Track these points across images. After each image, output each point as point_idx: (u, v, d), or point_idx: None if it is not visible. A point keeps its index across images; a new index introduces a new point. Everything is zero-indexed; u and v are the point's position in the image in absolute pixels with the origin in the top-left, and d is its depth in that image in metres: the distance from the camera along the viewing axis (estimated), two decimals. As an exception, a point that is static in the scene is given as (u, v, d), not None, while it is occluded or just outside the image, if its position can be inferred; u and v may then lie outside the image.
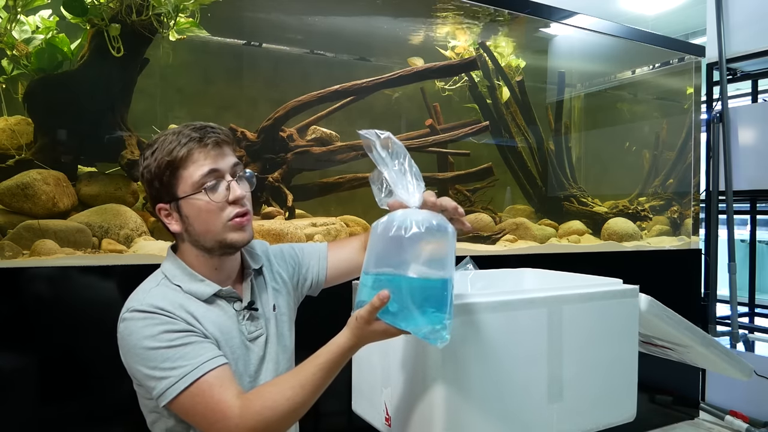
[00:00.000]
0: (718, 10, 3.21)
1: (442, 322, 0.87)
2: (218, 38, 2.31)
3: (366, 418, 1.20)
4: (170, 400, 0.92)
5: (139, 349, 0.94)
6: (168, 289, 1.01)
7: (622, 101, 3.80)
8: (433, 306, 0.87)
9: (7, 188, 1.70)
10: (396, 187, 0.93)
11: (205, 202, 0.98)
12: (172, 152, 0.97)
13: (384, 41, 2.76)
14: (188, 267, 1.04)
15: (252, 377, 1.05)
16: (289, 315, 1.16)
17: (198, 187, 0.97)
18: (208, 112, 2.38)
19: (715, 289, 3.27)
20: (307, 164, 2.40)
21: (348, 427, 1.90)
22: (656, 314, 1.31)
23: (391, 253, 0.89)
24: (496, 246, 2.66)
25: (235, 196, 0.99)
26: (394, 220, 0.89)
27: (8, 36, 1.81)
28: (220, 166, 0.99)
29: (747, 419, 2.91)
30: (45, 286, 1.59)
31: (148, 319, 0.94)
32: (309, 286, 1.22)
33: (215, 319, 1.01)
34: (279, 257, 1.20)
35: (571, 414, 1.10)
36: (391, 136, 0.94)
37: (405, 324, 0.88)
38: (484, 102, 2.97)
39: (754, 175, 3.15)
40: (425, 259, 0.88)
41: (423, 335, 0.88)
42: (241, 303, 1.06)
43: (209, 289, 1.02)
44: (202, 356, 0.93)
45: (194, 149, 0.97)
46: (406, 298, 0.87)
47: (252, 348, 1.06)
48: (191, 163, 0.97)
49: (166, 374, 0.92)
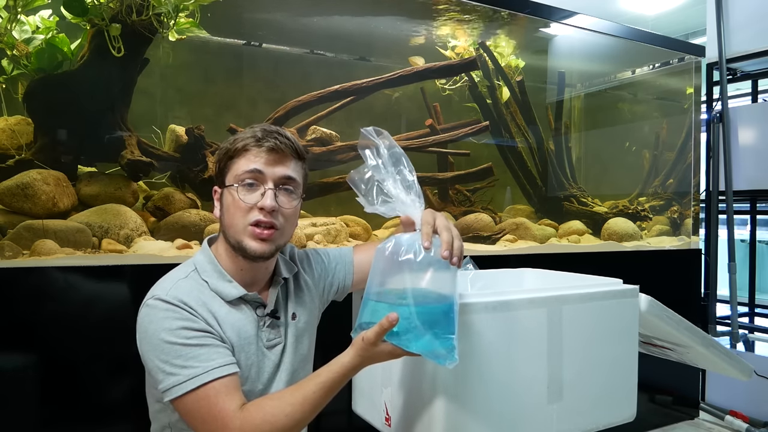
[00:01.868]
0: (718, 10, 3.21)
1: (450, 343, 0.87)
2: (218, 38, 2.31)
3: (366, 418, 1.20)
4: (175, 397, 0.92)
5: (155, 339, 0.94)
6: (195, 283, 1.02)
7: (622, 101, 3.80)
8: (441, 328, 0.88)
9: (7, 188, 1.70)
10: (403, 204, 0.94)
11: (236, 198, 0.99)
12: (234, 142, 1.01)
13: (384, 41, 2.76)
14: (219, 263, 1.04)
15: (265, 384, 1.05)
16: (310, 322, 1.15)
17: (237, 181, 0.99)
18: (208, 112, 2.38)
19: (715, 289, 3.26)
20: (307, 164, 2.39)
21: (348, 427, 1.90)
22: (656, 314, 1.31)
23: (398, 276, 0.89)
24: (496, 246, 2.66)
25: (263, 204, 0.98)
26: (402, 244, 0.91)
27: (8, 36, 1.81)
28: (266, 170, 1.00)
29: (747, 419, 2.91)
30: (45, 286, 1.59)
31: (170, 311, 0.95)
32: (335, 291, 1.22)
33: (235, 323, 1.01)
34: (305, 263, 1.19)
35: (571, 414, 1.10)
36: (395, 144, 0.95)
37: (413, 346, 0.88)
38: (484, 102, 2.97)
39: (754, 175, 3.15)
40: (433, 283, 0.89)
41: (431, 356, 0.88)
42: (263, 309, 1.06)
43: (235, 292, 1.02)
44: (215, 361, 0.94)
45: (250, 145, 1.00)
46: (413, 321, 0.87)
47: (268, 355, 1.05)
48: (243, 157, 1.00)
49: (176, 371, 0.92)
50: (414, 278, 0.89)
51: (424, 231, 0.92)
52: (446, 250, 0.91)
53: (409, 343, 0.88)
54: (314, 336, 1.18)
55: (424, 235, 0.91)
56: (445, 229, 0.93)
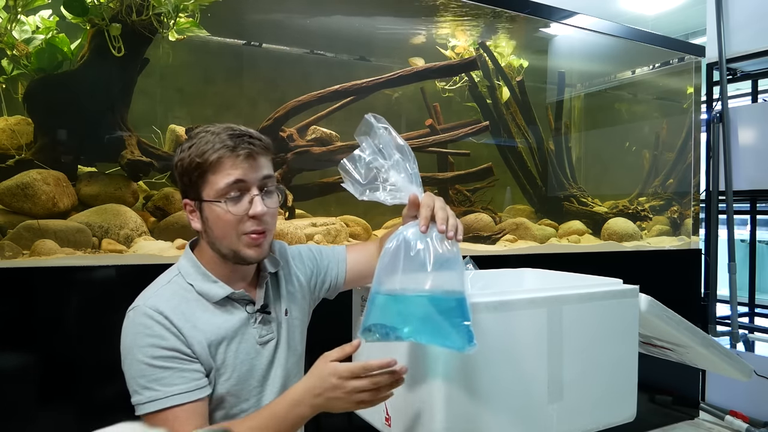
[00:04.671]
0: (718, 10, 3.21)
1: (468, 329, 0.88)
2: (218, 38, 2.31)
3: (366, 418, 1.20)
4: (138, 414, 0.95)
5: (126, 351, 0.96)
6: (178, 288, 1.01)
7: (622, 101, 3.80)
8: (457, 316, 0.88)
9: (7, 188, 1.70)
10: (405, 190, 0.94)
11: (224, 211, 0.97)
12: (204, 155, 0.96)
13: (384, 41, 2.76)
14: (203, 266, 1.03)
15: (259, 381, 1.05)
16: (301, 319, 1.15)
17: (221, 196, 0.96)
18: (208, 112, 2.38)
19: (715, 289, 3.26)
20: (307, 164, 2.40)
21: (348, 427, 1.90)
22: (656, 314, 1.31)
23: (409, 271, 0.89)
24: (496, 246, 2.66)
25: (254, 212, 0.97)
26: (411, 240, 0.90)
27: (8, 36, 1.81)
28: (248, 177, 0.97)
29: (747, 419, 2.91)
30: (45, 286, 1.59)
31: (142, 326, 0.95)
32: (327, 288, 1.21)
33: (222, 324, 1.01)
34: (297, 259, 1.19)
35: (571, 414, 1.10)
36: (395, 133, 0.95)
37: (430, 338, 0.88)
38: (484, 102, 2.97)
39: (754, 175, 3.15)
40: (444, 274, 0.90)
41: (450, 345, 0.88)
42: (253, 306, 1.06)
43: (222, 291, 1.02)
44: (177, 386, 0.94)
45: (225, 157, 0.96)
46: (430, 312, 0.87)
47: (261, 352, 1.05)
48: (219, 170, 0.96)
49: (139, 390, 0.94)
50: (424, 272, 0.89)
51: (423, 214, 0.92)
52: (442, 224, 0.91)
53: (426, 336, 0.88)
54: (305, 332, 1.18)
55: (422, 219, 0.91)
56: (440, 209, 0.93)
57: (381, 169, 0.94)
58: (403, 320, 0.88)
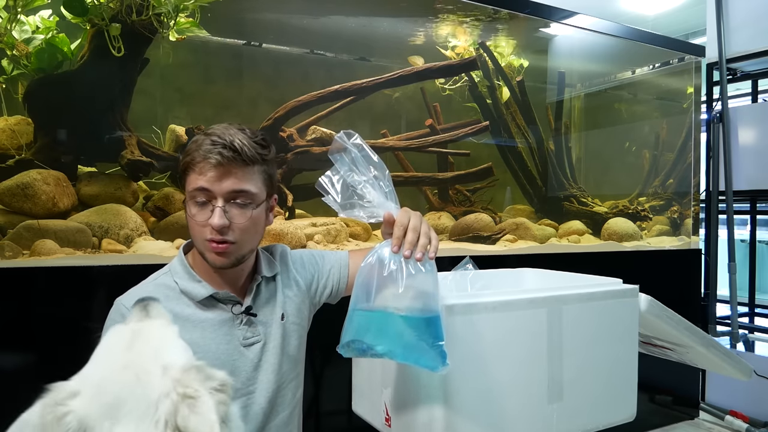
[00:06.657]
0: (718, 10, 3.21)
1: (441, 349, 0.88)
2: (218, 38, 2.31)
3: (366, 419, 1.20)
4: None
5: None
6: (162, 285, 1.04)
7: (622, 101, 3.80)
8: (431, 336, 0.88)
9: (7, 188, 1.70)
10: (381, 207, 0.94)
11: (190, 215, 0.99)
12: (188, 155, 0.97)
13: (384, 41, 2.76)
14: (189, 266, 1.05)
15: (244, 384, 1.04)
16: (299, 324, 1.15)
17: (190, 197, 0.98)
18: (208, 112, 2.38)
19: (715, 289, 3.26)
20: (307, 164, 2.40)
21: (348, 427, 1.90)
22: (656, 314, 1.31)
23: (383, 290, 0.90)
24: (496, 246, 2.66)
25: (212, 223, 0.96)
26: (385, 258, 0.90)
27: (8, 36, 1.81)
28: (212, 187, 0.96)
29: (747, 419, 2.91)
30: (45, 286, 1.59)
31: (117, 317, 0.98)
32: (329, 294, 1.21)
33: (201, 322, 1.02)
34: (298, 263, 1.19)
35: (571, 414, 1.10)
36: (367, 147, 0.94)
37: (404, 357, 0.88)
38: (484, 102, 2.97)
39: (754, 175, 3.15)
40: (418, 294, 0.89)
41: (423, 365, 0.88)
42: (240, 307, 1.06)
43: (204, 291, 1.03)
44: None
45: (196, 160, 0.96)
46: (404, 332, 0.88)
47: (245, 353, 1.05)
48: (192, 172, 0.97)
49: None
50: (398, 291, 0.89)
51: (395, 234, 0.91)
52: (408, 249, 0.89)
53: (399, 354, 0.88)
54: (305, 338, 1.17)
55: (394, 239, 0.90)
56: (412, 230, 0.91)
57: (356, 186, 0.94)
58: (378, 338, 0.88)
